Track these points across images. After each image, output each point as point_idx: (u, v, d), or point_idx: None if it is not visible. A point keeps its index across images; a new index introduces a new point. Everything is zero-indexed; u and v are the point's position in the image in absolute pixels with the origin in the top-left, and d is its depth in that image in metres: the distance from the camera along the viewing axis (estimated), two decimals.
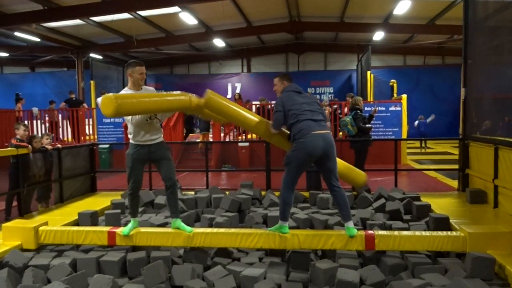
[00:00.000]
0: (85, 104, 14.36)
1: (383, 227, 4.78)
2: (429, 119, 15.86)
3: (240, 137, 12.34)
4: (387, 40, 18.85)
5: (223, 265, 4.02)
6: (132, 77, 4.33)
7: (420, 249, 4.07)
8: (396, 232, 4.06)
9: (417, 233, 4.10)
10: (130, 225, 4.44)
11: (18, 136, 6.26)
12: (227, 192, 6.39)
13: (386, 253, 4.15)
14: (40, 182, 6.46)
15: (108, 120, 12.56)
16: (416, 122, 15.84)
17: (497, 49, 6.21)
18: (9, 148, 6.07)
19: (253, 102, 14.32)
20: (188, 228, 4.32)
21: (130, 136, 4.34)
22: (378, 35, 17.37)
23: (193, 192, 6.66)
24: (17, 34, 15.35)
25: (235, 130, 12.27)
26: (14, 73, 22.82)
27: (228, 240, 4.22)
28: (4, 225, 4.69)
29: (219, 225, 4.86)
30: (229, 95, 20.81)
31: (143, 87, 4.42)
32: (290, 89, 4.33)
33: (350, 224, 4.06)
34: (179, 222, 4.37)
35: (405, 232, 4.10)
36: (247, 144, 11.35)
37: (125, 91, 4.35)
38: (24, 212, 6.02)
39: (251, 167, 10.84)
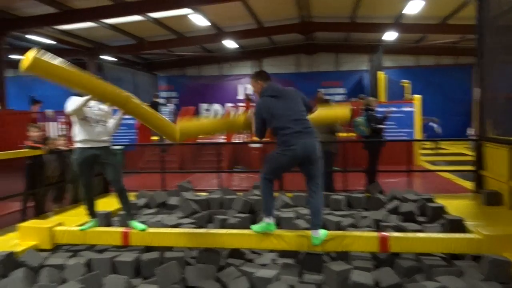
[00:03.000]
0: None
1: (397, 228, 4.74)
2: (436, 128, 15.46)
3: (252, 138, 12.32)
4: (399, 40, 18.72)
5: (236, 266, 4.02)
6: None
7: (435, 251, 4.03)
8: (410, 234, 4.03)
9: (432, 235, 4.05)
10: (89, 224, 4.62)
11: (33, 138, 6.35)
12: (239, 193, 6.39)
13: (401, 255, 4.11)
14: (55, 183, 6.54)
15: (122, 122, 12.65)
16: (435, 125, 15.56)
17: None
18: (24, 150, 6.15)
19: None
20: (140, 226, 4.43)
21: (75, 139, 4.43)
22: (390, 35, 17.26)
23: (205, 193, 6.67)
24: (30, 37, 15.56)
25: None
26: (28, 75, 23.07)
27: (241, 241, 4.22)
28: (21, 225, 4.76)
29: (231, 226, 4.86)
30: (240, 96, 20.84)
31: None
32: (266, 93, 4.11)
33: (316, 233, 3.92)
34: (133, 223, 4.50)
35: (419, 234, 4.07)
36: (259, 145, 11.35)
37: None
38: (40, 212, 6.11)
39: None
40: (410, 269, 3.85)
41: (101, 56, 18.81)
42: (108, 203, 6.65)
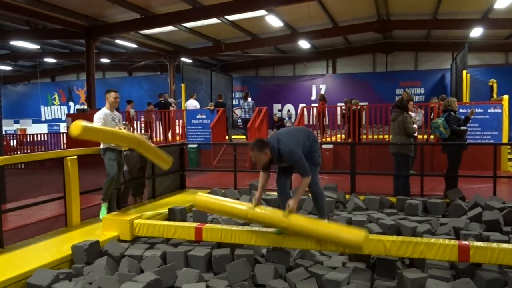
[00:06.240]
0: (173, 103, 15.21)
1: (479, 238, 4.43)
2: None
3: (323, 139, 12.20)
4: (486, 36, 17.43)
5: (306, 267, 3.99)
6: (109, 101, 5.61)
7: None
8: (494, 244, 3.73)
9: None
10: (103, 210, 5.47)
11: None
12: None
13: (483, 267, 3.83)
14: (135, 179, 6.94)
15: (197, 121, 13.15)
16: None
17: None
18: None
19: (338, 104, 14.09)
20: (102, 213, 5.41)
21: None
22: (476, 32, 16.13)
23: (276, 193, 6.68)
24: (117, 41, 16.72)
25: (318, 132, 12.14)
26: (114, 77, 24.84)
27: (311, 242, 4.19)
28: (104, 217, 5.13)
29: None
30: (313, 97, 20.69)
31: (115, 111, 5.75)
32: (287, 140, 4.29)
33: None
34: (104, 208, 5.54)
35: (505, 245, 3.75)
36: (331, 146, 11.20)
37: (103, 111, 5.58)
38: (122, 205, 6.51)
39: (335, 170, 10.67)
40: (492, 282, 3.57)
41: (180, 58, 19.69)
42: (183, 199, 6.95)
